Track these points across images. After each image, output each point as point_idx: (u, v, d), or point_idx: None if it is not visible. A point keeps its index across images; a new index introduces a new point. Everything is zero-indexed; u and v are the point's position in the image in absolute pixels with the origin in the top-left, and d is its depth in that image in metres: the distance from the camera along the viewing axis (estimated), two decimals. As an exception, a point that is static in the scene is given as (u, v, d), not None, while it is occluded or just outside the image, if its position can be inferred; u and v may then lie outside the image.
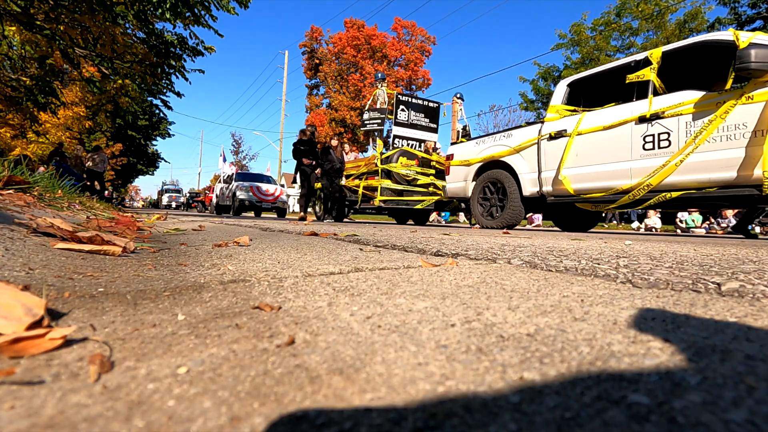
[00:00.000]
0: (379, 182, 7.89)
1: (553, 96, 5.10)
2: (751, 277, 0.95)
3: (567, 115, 4.82)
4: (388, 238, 2.26)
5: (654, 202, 3.96)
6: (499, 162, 5.46)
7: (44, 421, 0.34)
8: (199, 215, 9.88)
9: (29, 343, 0.48)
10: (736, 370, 0.42)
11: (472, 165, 5.84)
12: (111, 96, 9.78)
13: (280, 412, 0.36)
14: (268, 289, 0.86)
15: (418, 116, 9.54)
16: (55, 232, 1.33)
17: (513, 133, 5.40)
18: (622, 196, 4.14)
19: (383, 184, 7.88)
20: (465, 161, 5.98)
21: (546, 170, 4.87)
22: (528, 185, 5.06)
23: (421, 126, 9.59)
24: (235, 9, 6.07)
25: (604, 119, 4.33)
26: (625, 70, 4.34)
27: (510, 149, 5.31)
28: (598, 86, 5.03)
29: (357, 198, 8.52)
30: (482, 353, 0.50)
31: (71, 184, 4.21)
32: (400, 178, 7.99)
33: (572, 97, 5.07)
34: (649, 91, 4.02)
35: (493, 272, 1.08)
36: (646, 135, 3.96)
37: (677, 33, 19.63)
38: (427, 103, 9.75)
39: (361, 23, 29.93)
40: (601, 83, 4.92)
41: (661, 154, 3.86)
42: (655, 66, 4.05)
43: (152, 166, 36.05)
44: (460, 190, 6.09)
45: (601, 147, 4.33)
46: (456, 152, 6.25)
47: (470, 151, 5.96)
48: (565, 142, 4.62)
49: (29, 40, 6.24)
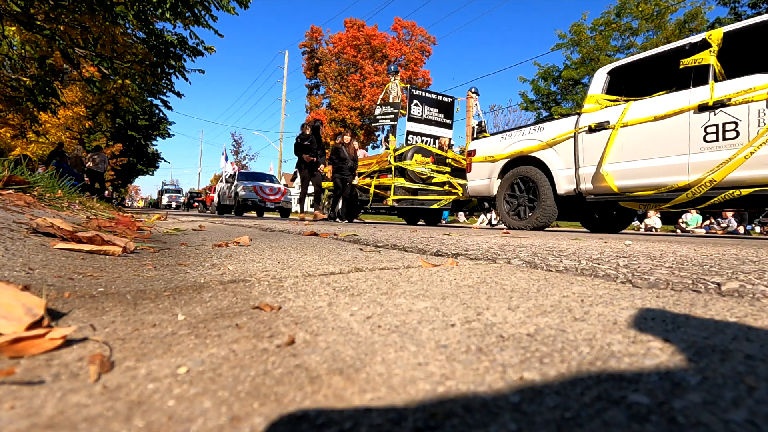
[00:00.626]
0: (393, 181, 7.45)
1: (591, 85, 4.68)
2: (751, 277, 0.95)
3: (609, 106, 4.37)
4: (388, 238, 2.26)
5: (719, 200, 3.56)
6: (529, 158, 5.02)
7: (44, 421, 0.34)
8: (199, 215, 9.84)
9: (29, 343, 0.48)
10: (736, 370, 0.42)
11: (498, 161, 5.40)
12: (111, 96, 9.78)
13: (280, 412, 0.36)
14: (268, 289, 0.86)
15: (432, 111, 9.06)
16: (55, 232, 1.33)
17: (545, 126, 4.93)
18: (679, 194, 3.73)
19: (397, 182, 7.45)
20: (489, 157, 5.52)
21: (584, 166, 4.43)
22: (563, 182, 4.63)
23: (435, 122, 9.12)
24: (235, 9, 6.07)
25: (654, 109, 3.87)
26: (677, 55, 3.94)
27: (542, 144, 4.82)
28: (643, 73, 4.58)
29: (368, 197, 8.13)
30: (482, 353, 0.50)
31: (71, 184, 4.21)
32: (414, 176, 7.59)
33: (613, 86, 4.60)
34: (710, 77, 3.62)
35: (493, 272, 1.08)
36: (708, 125, 3.54)
37: (677, 33, 19.63)
38: (441, 98, 9.25)
39: (361, 23, 29.93)
40: (648, 70, 4.48)
41: (726, 147, 3.41)
42: (714, 49, 3.65)
43: (152, 166, 36.06)
44: (484, 189, 5.65)
45: (651, 139, 3.87)
46: (479, 148, 5.79)
47: (495, 146, 5.52)
48: (608, 135, 4.19)
49: (29, 40, 6.24)
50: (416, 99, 8.86)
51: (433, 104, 9.10)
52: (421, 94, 9.03)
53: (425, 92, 9.18)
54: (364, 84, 28.89)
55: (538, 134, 5.00)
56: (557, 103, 22.33)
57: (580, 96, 21.45)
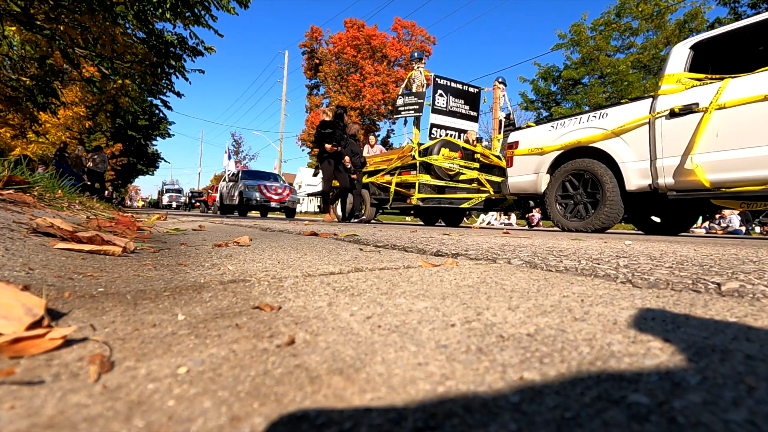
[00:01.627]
0: (417, 177, 6.79)
1: (669, 63, 4.04)
2: (751, 277, 0.95)
3: (696, 85, 3.74)
4: (388, 238, 2.26)
5: None
6: (589, 149, 4.38)
7: (44, 421, 0.34)
8: (199, 215, 9.81)
9: (29, 343, 0.48)
10: (736, 370, 0.42)
11: (547, 154, 4.74)
12: (111, 96, 9.78)
13: (280, 412, 0.36)
14: (268, 289, 0.86)
15: (457, 102, 8.28)
16: (55, 232, 1.33)
17: (609, 112, 4.28)
18: None
19: (421, 179, 6.79)
20: (537, 149, 4.86)
21: (664, 157, 3.80)
22: (634, 177, 4.02)
23: (461, 114, 8.34)
24: (235, 9, 6.07)
25: (761, 87, 3.25)
26: None
27: (605, 132, 4.18)
28: (737, 46, 3.97)
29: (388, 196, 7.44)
30: (482, 353, 0.50)
31: (71, 184, 4.21)
32: (441, 172, 6.90)
33: (697, 63, 3.99)
34: None
35: (493, 272, 1.08)
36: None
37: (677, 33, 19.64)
38: (467, 88, 8.48)
39: (361, 23, 29.94)
40: (743, 42, 3.86)
41: None
42: None
43: (152, 166, 36.07)
44: (529, 185, 4.97)
45: (758, 124, 3.24)
46: (522, 139, 5.10)
47: (543, 137, 4.85)
48: (697, 120, 3.54)
49: (29, 40, 6.24)
50: (441, 89, 8.06)
51: (459, 95, 8.32)
52: (445, 83, 8.21)
53: (450, 81, 8.33)
54: (364, 84, 28.90)
55: (600, 121, 4.29)
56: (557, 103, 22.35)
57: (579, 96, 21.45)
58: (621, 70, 20.36)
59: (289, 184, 14.39)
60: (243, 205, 12.93)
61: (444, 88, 8.16)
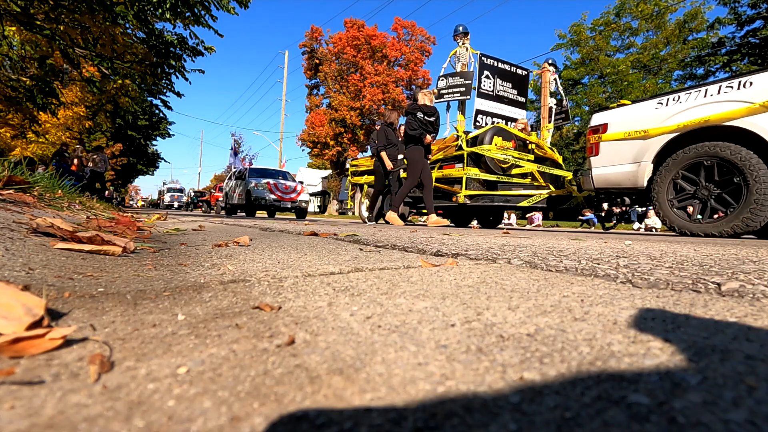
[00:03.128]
0: (464, 171, 5.80)
1: None
2: (751, 277, 0.95)
3: None
4: (388, 238, 2.26)
5: None
6: (722, 129, 3.45)
7: (44, 421, 0.34)
8: (200, 216, 9.76)
9: (29, 343, 0.48)
10: (736, 370, 0.42)
11: (654, 138, 3.85)
12: (111, 96, 9.78)
13: (280, 412, 0.36)
14: (268, 289, 0.86)
15: (505, 86, 7.25)
16: (55, 232, 1.33)
17: (755, 80, 3.29)
18: None
19: (470, 173, 5.81)
20: (638, 133, 3.96)
21: None
22: None
23: (508, 99, 7.30)
24: (235, 9, 6.08)
25: None
26: None
27: (752, 106, 3.21)
28: None
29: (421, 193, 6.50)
30: (482, 353, 0.50)
31: (71, 184, 4.21)
32: (494, 165, 5.97)
33: None
34: None
35: (493, 272, 1.08)
36: None
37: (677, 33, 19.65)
38: (516, 70, 7.47)
39: (361, 23, 29.94)
40: None
41: None
42: None
43: (152, 166, 36.09)
44: (625, 177, 4.07)
45: None
46: (614, 121, 4.17)
47: (647, 116, 3.91)
48: None
49: (29, 40, 6.24)
50: (487, 69, 7.00)
51: (506, 77, 7.27)
52: (493, 63, 7.14)
53: (498, 62, 7.25)
54: (364, 84, 28.89)
55: (740, 92, 3.33)
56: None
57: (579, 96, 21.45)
58: (621, 70, 20.38)
59: (300, 181, 13.45)
60: (251, 205, 12.01)
61: (491, 69, 7.07)
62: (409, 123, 5.45)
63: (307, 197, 12.83)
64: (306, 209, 12.76)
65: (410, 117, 5.48)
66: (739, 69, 18.17)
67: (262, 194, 11.84)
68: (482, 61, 7.01)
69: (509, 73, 7.36)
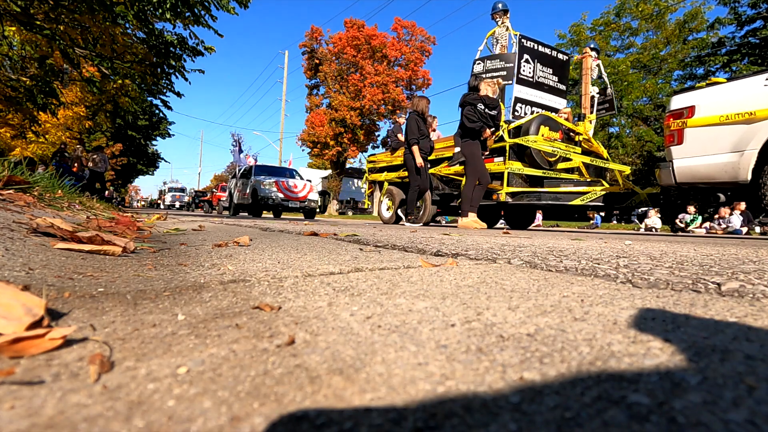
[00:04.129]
0: (506, 166, 5.11)
1: None
2: (751, 277, 0.95)
3: None
4: (388, 238, 2.26)
5: None
6: None
7: (44, 421, 0.34)
8: (200, 215, 9.71)
9: (29, 343, 0.48)
10: (736, 370, 0.42)
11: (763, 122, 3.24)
12: (111, 96, 9.78)
13: (280, 412, 0.36)
14: (268, 289, 0.86)
15: (545, 72, 6.49)
16: (55, 232, 1.33)
17: None
18: None
19: (512, 168, 5.12)
20: (741, 115, 3.35)
21: None
22: None
23: (548, 86, 6.54)
24: (235, 9, 6.07)
25: None
26: None
27: None
28: None
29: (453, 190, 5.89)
30: (482, 353, 0.50)
31: (71, 184, 4.22)
32: (541, 159, 5.27)
33: None
34: None
35: (493, 272, 1.08)
36: None
37: (677, 33, 19.66)
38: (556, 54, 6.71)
39: (361, 23, 29.93)
40: None
41: None
42: None
43: (152, 166, 36.08)
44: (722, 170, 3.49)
45: None
46: (703, 103, 3.58)
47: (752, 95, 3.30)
48: None
49: (29, 40, 6.24)
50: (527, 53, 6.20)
51: (546, 62, 6.52)
52: (533, 46, 6.35)
53: (538, 45, 6.46)
54: (364, 84, 28.88)
55: None
56: (557, 103, 22.35)
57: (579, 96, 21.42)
58: (621, 70, 20.38)
59: (308, 180, 12.71)
60: (258, 204, 11.36)
61: (531, 53, 6.28)
62: (468, 114, 4.86)
63: (316, 196, 12.13)
64: (315, 209, 12.14)
65: (470, 108, 4.86)
66: (739, 69, 18.19)
67: (269, 193, 11.20)
68: (522, 44, 6.19)
69: (549, 58, 6.57)
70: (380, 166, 7.93)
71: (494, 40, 6.52)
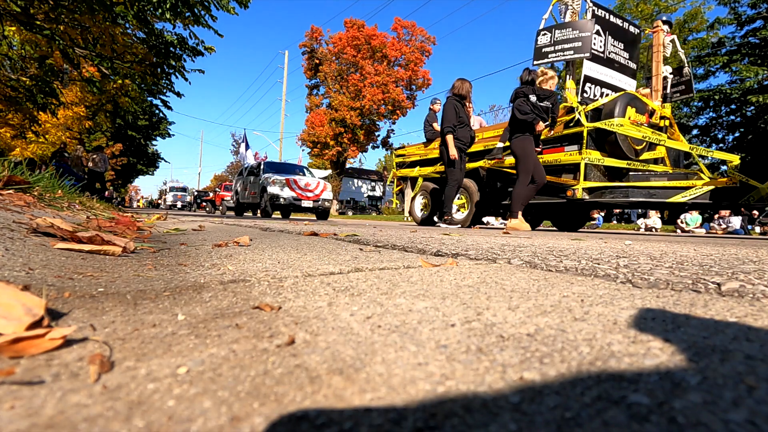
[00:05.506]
0: (584, 155, 4.23)
1: None
2: (751, 277, 0.95)
3: None
4: (388, 238, 2.26)
5: None
6: None
7: (44, 421, 0.34)
8: (200, 215, 9.68)
9: (29, 343, 0.48)
10: (736, 370, 0.42)
11: None
12: (111, 96, 9.77)
13: (280, 412, 0.36)
14: (268, 289, 0.86)
15: (617, 47, 5.47)
16: (55, 232, 1.33)
17: None
18: None
19: (591, 158, 4.24)
20: None
21: None
22: None
23: (619, 64, 5.51)
24: (235, 9, 6.07)
25: None
26: None
27: None
28: None
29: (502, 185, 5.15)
30: (482, 353, 0.50)
31: (71, 184, 4.22)
32: (627, 147, 4.43)
33: None
34: None
35: (493, 272, 1.08)
36: None
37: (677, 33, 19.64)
38: (628, 26, 5.67)
39: (361, 23, 29.92)
40: None
41: None
42: None
43: (152, 166, 36.07)
44: None
45: None
46: None
47: None
48: None
49: (29, 40, 6.24)
50: (599, 24, 5.15)
51: (618, 35, 5.49)
52: (605, 16, 5.31)
53: (610, 14, 5.45)
54: (364, 84, 28.88)
55: None
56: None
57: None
58: (621, 70, 20.35)
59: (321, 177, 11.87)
60: (269, 204, 10.47)
61: (603, 24, 5.24)
62: (520, 106, 4.39)
63: (330, 195, 11.12)
64: (329, 209, 11.19)
65: (522, 99, 4.41)
66: (739, 69, 18.19)
67: (280, 192, 10.26)
68: (594, 13, 5.15)
69: (621, 30, 5.52)
70: (412, 160, 7.10)
71: (563, 5, 5.46)
